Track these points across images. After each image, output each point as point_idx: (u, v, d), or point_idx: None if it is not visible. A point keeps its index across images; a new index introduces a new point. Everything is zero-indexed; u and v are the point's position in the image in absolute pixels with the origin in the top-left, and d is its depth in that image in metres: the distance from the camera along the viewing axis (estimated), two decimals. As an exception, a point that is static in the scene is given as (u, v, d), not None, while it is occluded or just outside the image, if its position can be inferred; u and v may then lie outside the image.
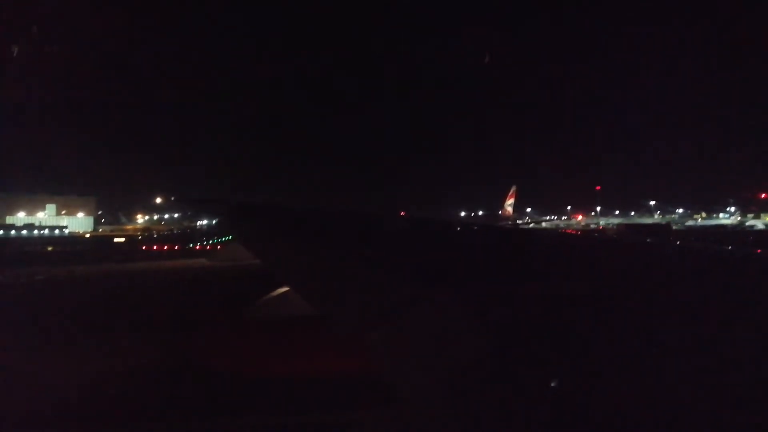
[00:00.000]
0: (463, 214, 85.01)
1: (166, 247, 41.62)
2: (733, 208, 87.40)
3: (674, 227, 70.63)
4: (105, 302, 15.98)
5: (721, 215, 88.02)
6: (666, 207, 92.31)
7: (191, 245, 40.55)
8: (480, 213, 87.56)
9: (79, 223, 73.45)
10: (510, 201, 62.61)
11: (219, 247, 38.16)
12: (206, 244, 40.49)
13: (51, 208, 76.05)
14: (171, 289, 20.46)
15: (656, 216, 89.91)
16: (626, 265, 3.21)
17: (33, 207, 75.00)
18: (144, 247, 42.97)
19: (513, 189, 63.39)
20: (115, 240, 49.81)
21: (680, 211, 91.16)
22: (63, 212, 76.13)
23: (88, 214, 77.58)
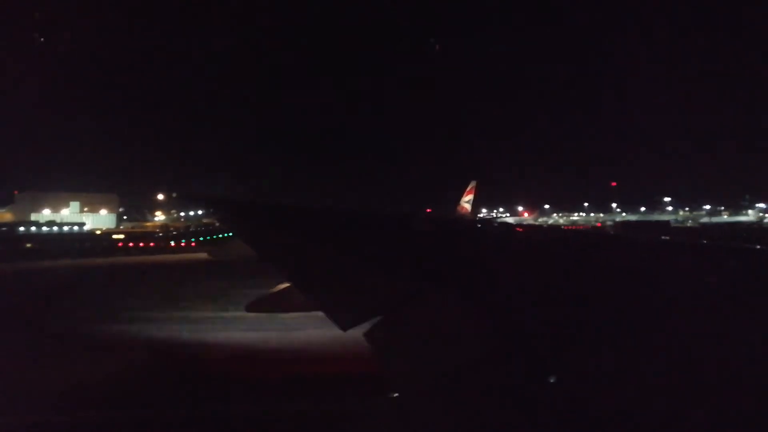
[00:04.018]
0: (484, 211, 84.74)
1: (152, 244, 42.60)
2: (764, 205, 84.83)
3: (689, 224, 68.94)
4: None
5: (750, 212, 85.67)
6: (691, 204, 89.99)
7: (176, 242, 41.38)
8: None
9: (101, 220, 74.72)
10: (468, 197, 59.91)
11: (193, 244, 38.94)
12: (190, 242, 41.19)
13: (74, 205, 77.46)
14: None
15: (681, 213, 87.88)
16: (620, 262, 3.16)
17: (58, 204, 76.65)
18: (131, 244, 43.96)
19: (472, 185, 60.21)
20: (114, 237, 50.53)
21: (707, 207, 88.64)
22: (86, 209, 77.41)
23: (110, 211, 78.81)
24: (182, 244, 41.99)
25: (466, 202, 59.96)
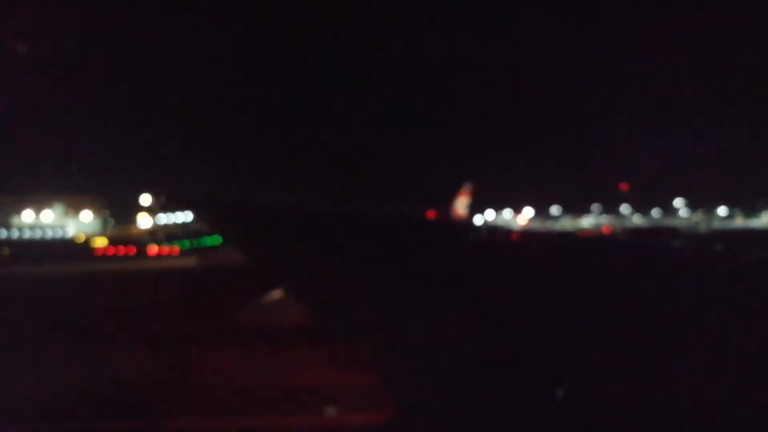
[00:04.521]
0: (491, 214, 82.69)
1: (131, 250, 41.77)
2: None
3: (701, 229, 67.31)
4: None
5: (764, 216, 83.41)
6: (706, 207, 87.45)
7: (162, 247, 40.55)
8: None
9: (85, 224, 72.57)
10: (462, 200, 57.43)
11: (176, 250, 37.64)
12: (174, 247, 40.25)
13: (58, 208, 74.89)
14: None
15: (693, 217, 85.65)
16: (626, 267, 3.02)
17: (40, 207, 73.87)
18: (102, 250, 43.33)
19: (467, 187, 57.95)
20: (95, 241, 49.85)
21: (723, 212, 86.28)
22: (70, 212, 74.89)
23: (95, 215, 75.98)
24: (167, 250, 40.41)
25: (461, 205, 57.50)
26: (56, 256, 35.54)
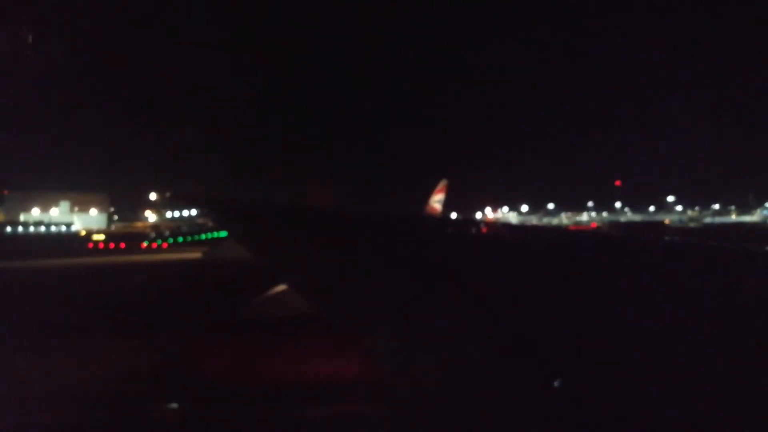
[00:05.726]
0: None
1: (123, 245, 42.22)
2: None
3: (692, 225, 67.98)
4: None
5: (756, 212, 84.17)
6: (701, 203, 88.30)
7: (166, 243, 40.84)
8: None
9: (91, 220, 73.38)
10: (438, 197, 57.20)
11: (165, 245, 38.21)
12: (162, 243, 40.57)
13: (64, 204, 76.13)
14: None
15: (689, 213, 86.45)
16: (621, 263, 3.08)
17: (47, 204, 75.31)
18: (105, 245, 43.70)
19: (443, 183, 57.55)
20: (95, 237, 49.90)
21: (716, 207, 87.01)
22: (76, 209, 76.06)
23: (101, 211, 77.48)
24: (158, 245, 41.15)
25: (437, 201, 57.38)
26: (54, 250, 35.71)
